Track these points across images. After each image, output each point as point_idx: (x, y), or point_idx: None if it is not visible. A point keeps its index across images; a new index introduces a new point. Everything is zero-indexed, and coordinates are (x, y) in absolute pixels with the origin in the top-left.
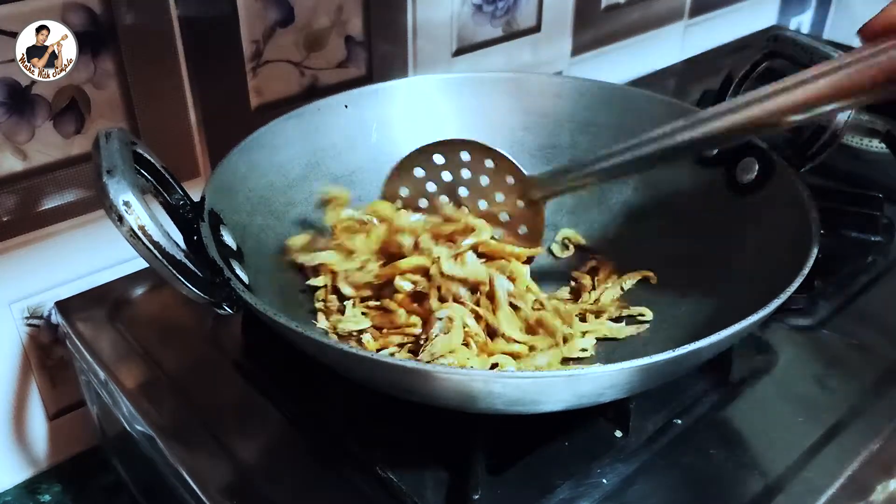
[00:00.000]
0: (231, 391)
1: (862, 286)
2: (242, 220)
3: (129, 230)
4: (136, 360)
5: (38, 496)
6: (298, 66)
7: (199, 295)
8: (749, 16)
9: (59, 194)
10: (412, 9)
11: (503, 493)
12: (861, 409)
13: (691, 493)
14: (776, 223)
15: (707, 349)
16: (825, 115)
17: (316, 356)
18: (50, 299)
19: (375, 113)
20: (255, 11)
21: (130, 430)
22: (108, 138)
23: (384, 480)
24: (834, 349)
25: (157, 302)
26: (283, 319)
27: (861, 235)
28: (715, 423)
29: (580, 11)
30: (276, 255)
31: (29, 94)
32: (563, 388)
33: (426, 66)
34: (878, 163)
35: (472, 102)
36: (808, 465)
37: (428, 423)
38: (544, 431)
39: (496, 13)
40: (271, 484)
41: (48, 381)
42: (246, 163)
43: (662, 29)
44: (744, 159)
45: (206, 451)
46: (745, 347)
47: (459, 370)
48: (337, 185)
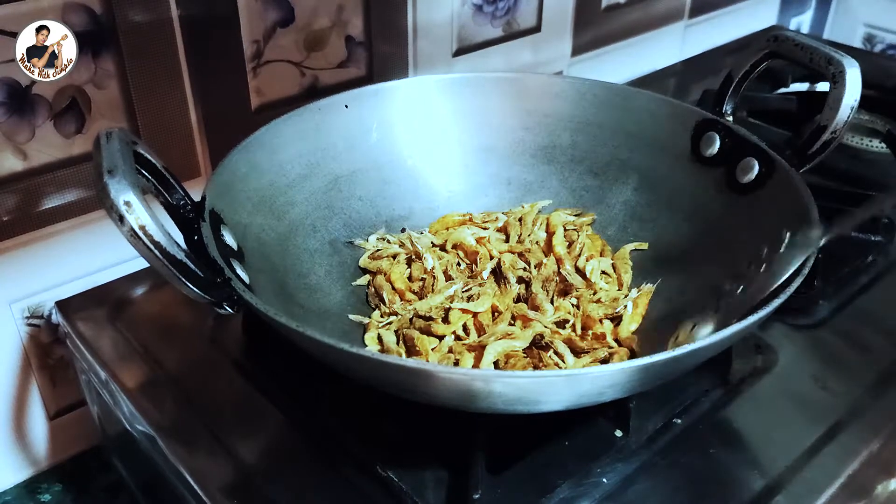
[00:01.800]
0: (231, 391)
1: (862, 286)
2: (243, 220)
3: (129, 230)
4: (137, 360)
5: (39, 496)
6: (299, 66)
7: (199, 295)
8: (749, 16)
9: (59, 194)
10: (412, 9)
11: (503, 492)
12: (861, 409)
13: (691, 492)
14: (776, 223)
15: (707, 349)
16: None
17: (316, 356)
18: (50, 299)
19: (375, 113)
20: (256, 11)
21: (131, 429)
22: (108, 138)
23: (384, 480)
24: (834, 349)
25: (158, 302)
26: (284, 319)
27: (861, 235)
28: (715, 423)
29: (580, 11)
30: (277, 255)
31: (29, 94)
32: (563, 387)
33: (426, 66)
34: (878, 163)
35: (472, 102)
36: (808, 465)
37: (428, 422)
38: (544, 431)
39: (496, 13)
40: (271, 483)
41: (48, 381)
42: (246, 163)
43: (662, 29)
44: (744, 159)
45: (206, 450)
46: (745, 347)
47: (460, 370)
48: (337, 185)
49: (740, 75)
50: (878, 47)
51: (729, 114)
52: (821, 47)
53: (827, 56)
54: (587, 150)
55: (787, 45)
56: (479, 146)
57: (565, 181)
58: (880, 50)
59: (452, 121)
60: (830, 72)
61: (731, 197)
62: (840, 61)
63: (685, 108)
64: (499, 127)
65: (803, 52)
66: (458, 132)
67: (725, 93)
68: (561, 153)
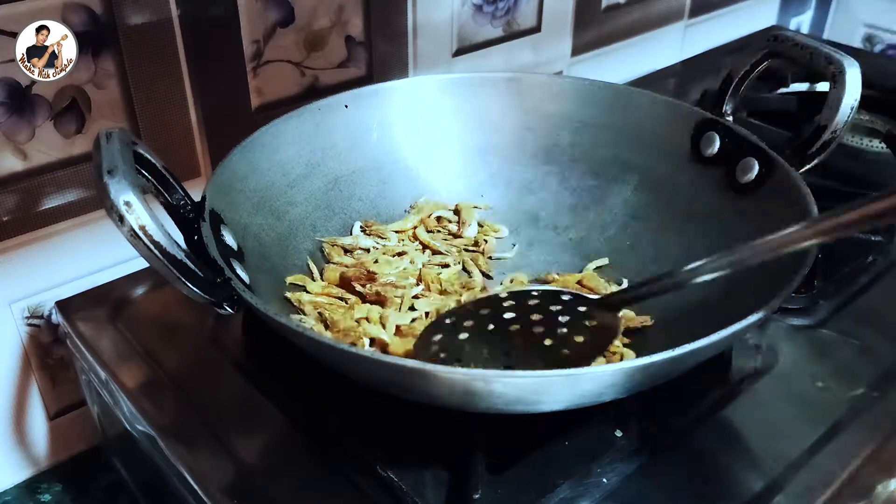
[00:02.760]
0: (231, 391)
1: (862, 286)
2: (243, 220)
3: (129, 230)
4: (137, 360)
5: (39, 496)
6: (299, 66)
7: (199, 295)
8: (749, 16)
9: (59, 194)
10: (412, 9)
11: (503, 492)
12: (861, 409)
13: (691, 492)
14: (776, 223)
15: (707, 349)
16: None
17: (316, 356)
18: (50, 299)
19: (376, 113)
20: (256, 11)
21: (131, 429)
22: (108, 138)
23: (384, 480)
24: (834, 349)
25: (158, 302)
26: (284, 319)
27: (861, 235)
28: (715, 423)
29: (580, 11)
30: (277, 255)
31: (29, 94)
32: (563, 387)
33: (426, 66)
34: (878, 163)
35: (472, 102)
36: (807, 465)
37: (428, 422)
38: (544, 431)
39: (496, 13)
40: (271, 483)
41: (48, 381)
42: (246, 163)
43: (662, 29)
44: (744, 159)
45: (206, 450)
46: (745, 347)
47: (459, 370)
48: (337, 185)
49: (740, 75)
50: (878, 47)
51: (729, 114)
52: (820, 47)
53: (827, 56)
54: (587, 150)
55: (786, 45)
56: (479, 146)
57: (565, 181)
58: (880, 50)
59: (452, 121)
60: (830, 72)
61: (731, 197)
62: (840, 61)
63: (685, 108)
64: (499, 127)
65: (803, 52)
66: (458, 132)
67: (725, 93)
68: (561, 153)
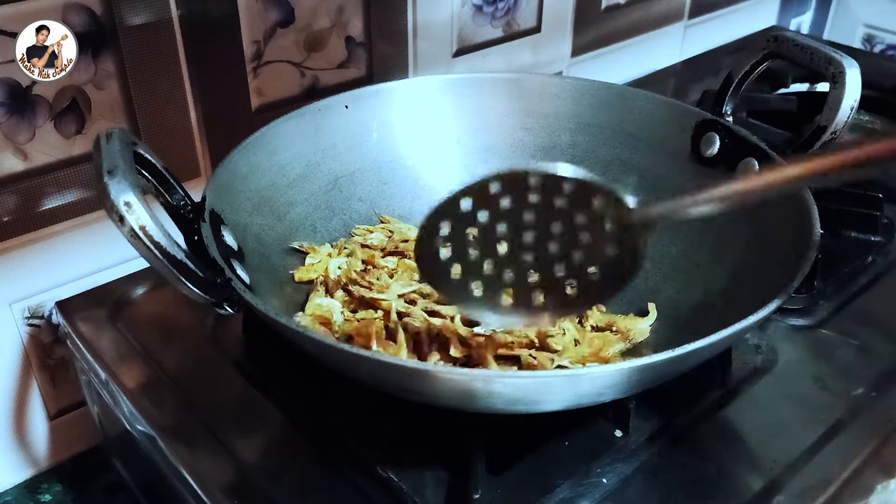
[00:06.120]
0: (231, 391)
1: (862, 286)
2: (243, 221)
3: (130, 230)
4: (137, 360)
5: (39, 496)
6: (299, 66)
7: (199, 295)
8: (749, 16)
9: (59, 194)
10: (412, 9)
11: (503, 492)
12: (861, 409)
13: (691, 492)
14: (776, 223)
15: (707, 349)
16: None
17: (316, 356)
18: (50, 299)
19: (376, 113)
20: (256, 12)
21: (131, 429)
22: (108, 139)
23: (384, 480)
24: (834, 349)
25: (158, 302)
26: (284, 319)
27: (861, 235)
28: (715, 423)
29: (580, 12)
30: (277, 255)
31: (29, 95)
32: (563, 387)
33: (426, 66)
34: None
35: (472, 103)
36: (807, 465)
37: (428, 422)
38: (544, 431)
39: (496, 14)
40: (271, 483)
41: (49, 381)
42: (247, 163)
43: (662, 29)
44: (744, 159)
45: (206, 450)
46: (745, 347)
47: (459, 370)
48: (337, 185)
49: (740, 76)
50: (878, 48)
51: (729, 114)
52: (821, 47)
53: (827, 56)
54: (587, 150)
55: (786, 46)
56: (479, 146)
57: None
58: (880, 50)
59: (452, 121)
60: (830, 72)
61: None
62: (840, 61)
63: (685, 108)
64: (499, 127)
65: (803, 53)
66: (458, 132)
67: (725, 93)
68: (561, 153)
